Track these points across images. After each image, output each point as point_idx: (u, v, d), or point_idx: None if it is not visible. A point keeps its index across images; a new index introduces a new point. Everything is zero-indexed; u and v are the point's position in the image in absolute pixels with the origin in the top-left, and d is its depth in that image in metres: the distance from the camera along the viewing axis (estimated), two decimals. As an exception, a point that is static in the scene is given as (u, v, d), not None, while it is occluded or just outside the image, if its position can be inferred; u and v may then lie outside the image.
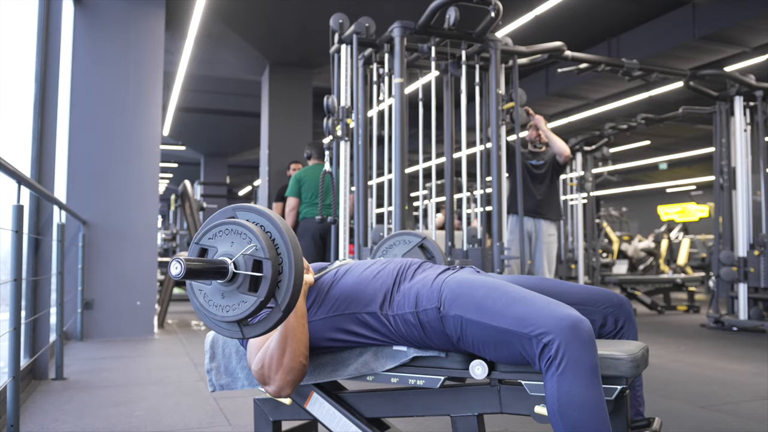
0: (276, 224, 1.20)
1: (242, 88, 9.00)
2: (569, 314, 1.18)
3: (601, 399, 1.15)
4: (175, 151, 13.79)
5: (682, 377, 3.30)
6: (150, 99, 4.87)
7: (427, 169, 11.21)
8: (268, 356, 1.33)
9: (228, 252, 1.19)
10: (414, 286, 1.39)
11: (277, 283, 1.17)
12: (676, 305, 7.05)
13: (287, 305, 1.17)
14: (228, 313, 1.19)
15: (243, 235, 1.18)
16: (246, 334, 1.21)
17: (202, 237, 1.24)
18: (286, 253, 1.18)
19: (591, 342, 1.17)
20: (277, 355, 1.32)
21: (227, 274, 1.17)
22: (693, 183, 18.49)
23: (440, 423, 2.24)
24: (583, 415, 1.14)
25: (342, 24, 3.86)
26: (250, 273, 1.17)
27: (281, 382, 1.33)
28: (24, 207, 2.24)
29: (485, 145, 3.83)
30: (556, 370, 1.15)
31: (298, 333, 1.33)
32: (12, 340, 2.10)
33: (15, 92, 3.38)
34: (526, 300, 1.25)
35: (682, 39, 6.71)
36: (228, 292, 1.19)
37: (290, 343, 1.32)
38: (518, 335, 1.21)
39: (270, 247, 1.17)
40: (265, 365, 1.34)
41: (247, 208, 1.23)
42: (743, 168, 5.14)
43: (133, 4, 4.86)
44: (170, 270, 1.10)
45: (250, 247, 1.17)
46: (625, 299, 1.51)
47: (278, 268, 1.17)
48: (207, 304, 1.21)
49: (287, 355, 1.32)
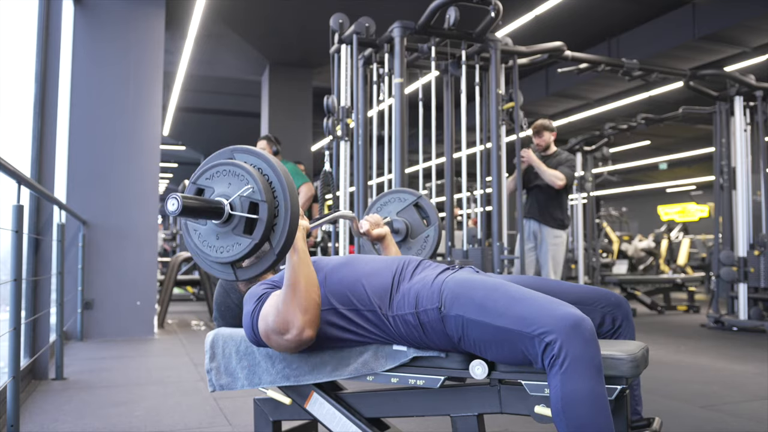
0: (274, 168, 1.19)
1: (242, 88, 9.00)
2: (571, 313, 1.18)
3: (605, 397, 1.16)
4: (175, 151, 13.79)
5: (682, 377, 3.30)
6: (150, 99, 4.87)
7: (427, 169, 11.21)
8: (282, 302, 1.32)
9: (225, 193, 1.19)
10: (414, 286, 1.39)
11: (272, 226, 1.17)
12: (676, 305, 7.05)
13: (282, 248, 1.17)
14: (222, 254, 1.19)
15: (240, 176, 1.18)
16: (239, 276, 1.21)
17: (199, 177, 1.23)
18: (282, 197, 1.17)
19: (593, 340, 1.17)
20: (290, 298, 1.31)
21: (223, 215, 1.17)
22: (693, 183, 18.48)
23: (440, 423, 2.24)
24: (588, 413, 1.14)
25: (342, 24, 3.86)
26: (245, 215, 1.16)
27: (300, 322, 1.30)
28: (24, 207, 2.24)
29: (485, 145, 3.83)
30: (559, 369, 1.15)
31: (304, 272, 1.32)
32: (12, 340, 2.10)
33: (15, 92, 3.38)
34: (528, 299, 1.25)
35: (682, 39, 6.71)
36: (223, 233, 1.19)
37: (300, 283, 1.31)
38: (520, 335, 1.20)
39: (267, 190, 1.16)
40: (281, 311, 1.32)
41: (246, 150, 1.23)
42: (743, 168, 5.14)
43: (133, 4, 4.86)
44: (167, 206, 1.09)
45: (247, 188, 1.16)
46: (623, 299, 1.51)
47: (274, 211, 1.17)
48: (201, 245, 1.21)
49: (299, 296, 1.30)
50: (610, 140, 7.34)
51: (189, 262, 5.98)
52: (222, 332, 1.57)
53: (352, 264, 1.49)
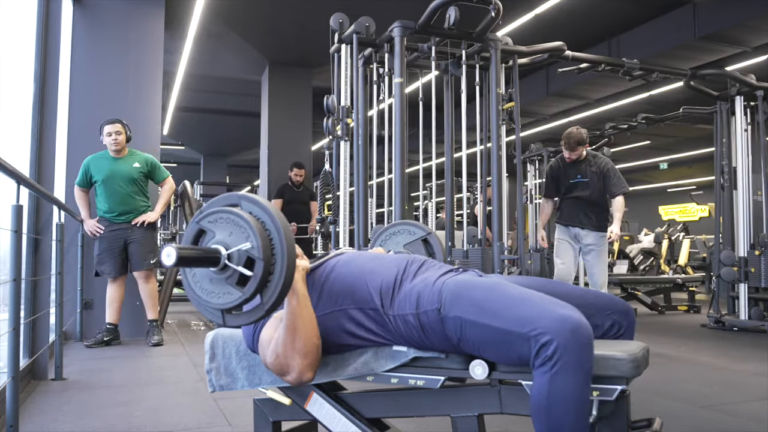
0: (276, 224, 1.20)
1: (242, 87, 8.99)
2: (570, 315, 1.17)
3: (588, 404, 1.16)
4: (175, 151, 13.78)
5: (682, 377, 3.30)
6: (150, 99, 4.86)
7: (427, 169, 11.19)
8: (281, 345, 1.32)
9: (224, 241, 1.20)
10: (416, 286, 1.38)
11: (265, 283, 1.18)
12: (677, 305, 7.04)
13: (271, 306, 1.18)
14: (212, 300, 1.21)
15: (243, 228, 1.19)
16: (228, 323, 1.23)
17: (203, 219, 1.25)
18: (280, 254, 1.18)
19: (589, 345, 1.16)
20: (289, 342, 1.31)
21: (219, 264, 1.19)
22: (693, 183, 18.47)
23: (440, 423, 2.23)
24: (571, 415, 1.14)
25: (342, 24, 3.86)
26: (240, 269, 1.18)
27: (300, 367, 1.31)
28: (23, 207, 2.23)
29: (485, 145, 3.83)
30: (549, 369, 1.14)
31: (303, 316, 1.32)
32: (11, 340, 2.09)
33: (15, 92, 3.38)
34: (526, 300, 1.24)
35: (682, 39, 6.70)
36: (216, 280, 1.21)
37: (299, 327, 1.31)
38: (517, 335, 1.20)
39: (266, 248, 1.17)
40: (280, 354, 1.32)
41: (253, 200, 1.24)
42: (744, 168, 5.14)
43: (133, 4, 4.86)
44: (162, 258, 1.11)
45: (247, 245, 1.17)
46: (630, 307, 1.50)
47: (270, 269, 1.18)
48: (194, 286, 1.23)
49: (299, 340, 1.30)
50: (610, 140, 7.33)
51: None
52: (222, 332, 1.57)
53: (355, 261, 1.49)
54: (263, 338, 1.40)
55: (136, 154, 4.31)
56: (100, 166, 4.17)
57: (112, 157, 4.20)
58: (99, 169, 4.16)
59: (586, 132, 4.21)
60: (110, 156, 4.21)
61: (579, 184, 4.26)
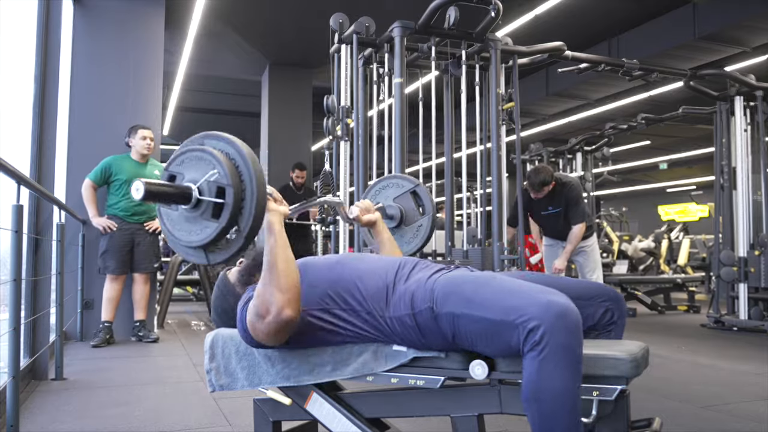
0: (241, 152, 1.21)
1: (242, 88, 8.99)
2: (556, 301, 1.18)
3: (578, 390, 1.16)
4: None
5: (682, 377, 3.30)
6: (150, 99, 4.87)
7: (427, 169, 11.18)
8: (261, 284, 1.32)
9: (194, 178, 1.22)
10: (410, 287, 1.38)
11: (240, 210, 1.19)
12: (677, 305, 7.05)
13: (249, 231, 1.19)
14: (192, 238, 1.22)
15: (207, 161, 1.20)
16: (210, 260, 1.24)
17: (171, 163, 1.27)
18: (249, 181, 1.19)
19: (577, 331, 1.16)
20: (268, 279, 1.30)
21: (191, 200, 1.20)
22: (693, 183, 18.47)
23: (440, 423, 2.23)
24: (562, 401, 1.14)
25: (342, 24, 3.86)
26: (212, 199, 1.19)
27: (279, 302, 1.28)
28: (24, 207, 2.23)
29: (485, 145, 3.83)
30: (538, 354, 1.14)
31: (282, 254, 1.31)
32: (12, 340, 2.10)
33: (15, 92, 3.38)
34: (514, 290, 1.25)
35: (682, 39, 6.70)
36: (192, 218, 1.22)
37: (278, 265, 1.30)
38: (506, 324, 1.20)
39: (233, 174, 1.18)
40: (260, 293, 1.31)
41: (215, 135, 1.26)
42: (743, 168, 5.14)
43: (133, 4, 4.86)
44: (132, 191, 1.13)
45: (213, 173, 1.19)
46: (620, 294, 1.52)
47: (241, 194, 1.19)
48: (173, 229, 1.25)
49: (277, 277, 1.29)
50: (610, 140, 7.34)
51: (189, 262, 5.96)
52: (222, 332, 1.57)
53: (347, 263, 1.48)
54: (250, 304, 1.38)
55: (154, 163, 4.51)
56: (123, 166, 4.32)
57: (135, 160, 4.38)
58: (122, 169, 4.30)
59: (551, 171, 4.15)
60: (133, 159, 4.39)
61: (551, 215, 4.30)
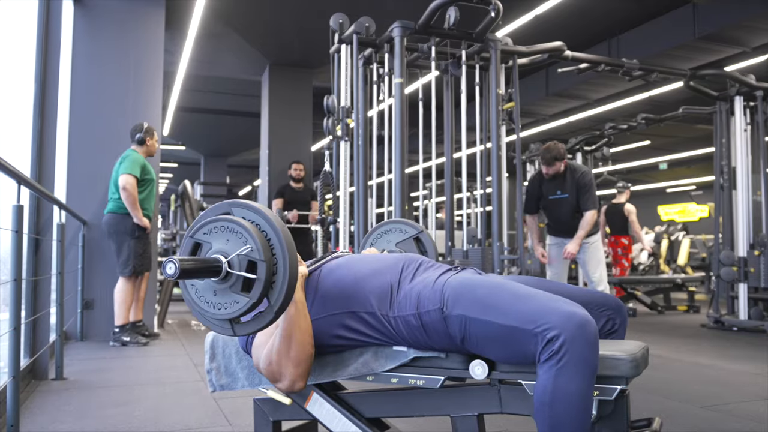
0: (272, 224, 1.18)
1: (242, 88, 8.98)
2: (577, 312, 1.18)
3: (592, 402, 1.16)
4: (175, 151, 13.77)
5: (682, 377, 3.30)
6: (150, 99, 4.87)
7: (427, 169, 11.19)
8: (275, 352, 1.32)
9: (222, 249, 1.18)
10: (415, 287, 1.38)
11: (270, 284, 1.16)
12: (677, 305, 7.04)
13: (280, 306, 1.16)
14: (219, 311, 1.18)
15: (239, 234, 1.17)
16: (237, 332, 1.20)
17: (196, 231, 1.22)
18: (281, 254, 1.16)
19: (596, 342, 1.17)
20: (284, 350, 1.31)
21: (221, 273, 1.16)
22: (693, 183, 18.47)
23: (440, 423, 2.23)
24: (574, 413, 1.14)
25: (342, 24, 3.86)
26: (243, 274, 1.15)
27: (292, 375, 1.32)
28: (24, 207, 2.24)
29: (485, 145, 3.83)
30: (555, 364, 1.14)
31: (301, 324, 1.32)
32: (12, 340, 2.10)
33: (15, 92, 3.38)
34: (532, 297, 1.24)
35: (682, 39, 6.70)
36: (220, 290, 1.18)
37: (295, 336, 1.30)
38: (523, 331, 1.19)
39: (265, 248, 1.15)
40: (273, 362, 1.32)
41: (244, 205, 1.22)
42: (743, 168, 5.14)
43: (133, 4, 4.86)
44: (165, 270, 1.09)
45: (246, 248, 1.15)
46: (622, 303, 1.53)
47: (272, 269, 1.16)
48: (198, 300, 1.20)
49: (293, 348, 1.30)
50: (610, 140, 7.33)
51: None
52: (222, 332, 1.57)
53: (350, 265, 1.48)
54: (257, 342, 1.40)
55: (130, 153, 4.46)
56: (150, 168, 4.36)
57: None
58: (149, 169, 4.34)
59: (563, 147, 4.12)
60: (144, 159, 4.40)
61: (559, 200, 4.21)
